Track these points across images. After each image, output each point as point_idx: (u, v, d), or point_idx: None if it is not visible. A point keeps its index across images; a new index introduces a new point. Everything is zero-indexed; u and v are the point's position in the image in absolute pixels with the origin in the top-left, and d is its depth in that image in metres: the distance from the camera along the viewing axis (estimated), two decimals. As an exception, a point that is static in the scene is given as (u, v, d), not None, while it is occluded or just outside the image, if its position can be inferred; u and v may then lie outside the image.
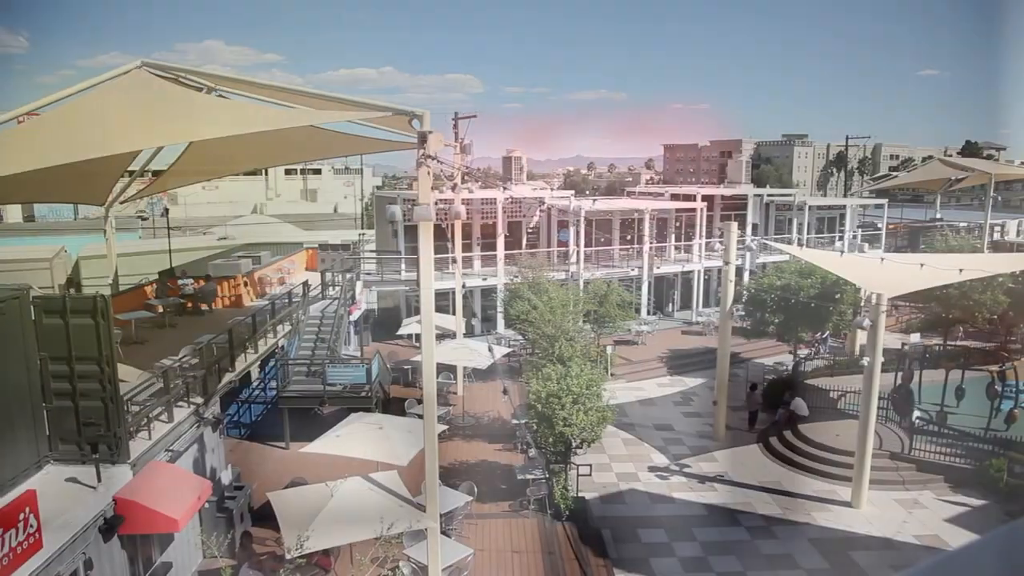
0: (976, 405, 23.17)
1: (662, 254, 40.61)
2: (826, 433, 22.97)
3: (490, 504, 18.89)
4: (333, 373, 22.03)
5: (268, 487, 16.57)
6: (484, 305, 37.00)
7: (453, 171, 23.65)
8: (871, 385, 19.02)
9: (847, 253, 25.86)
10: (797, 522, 18.70)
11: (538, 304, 26.47)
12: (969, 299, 30.68)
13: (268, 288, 30.30)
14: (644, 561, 16.69)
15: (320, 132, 19.79)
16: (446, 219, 27.59)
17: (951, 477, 20.77)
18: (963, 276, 21.78)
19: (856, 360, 25.74)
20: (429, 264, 12.65)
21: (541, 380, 19.35)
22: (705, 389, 29.11)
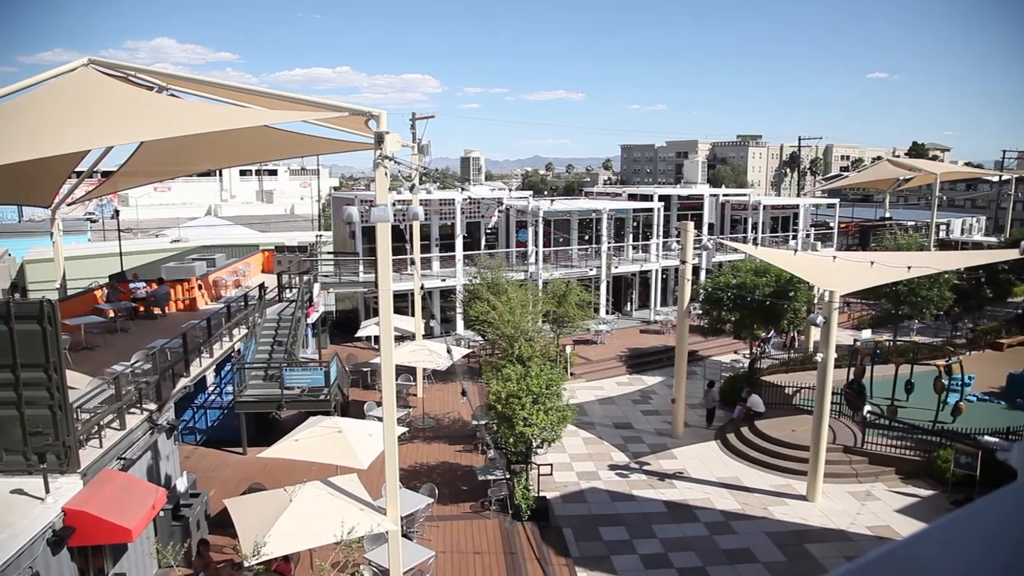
0: (925, 398, 23.84)
1: (620, 254, 40.92)
2: (782, 428, 23.39)
3: (451, 506, 18.85)
4: (291, 376, 21.75)
5: (225, 493, 16.30)
6: (443, 306, 36.88)
7: (411, 172, 23.53)
8: (825, 380, 19.42)
9: (800, 252, 26.32)
10: (755, 516, 19.00)
11: (497, 305, 26.47)
12: (917, 296, 31.51)
13: (223, 291, 29.78)
14: (605, 559, 16.79)
15: (275, 132, 19.51)
16: (404, 220, 27.42)
17: (902, 469, 21.32)
18: (911, 273, 22.36)
19: (810, 356, 26.28)
20: (387, 265, 12.56)
21: (501, 380, 19.35)
22: (664, 387, 29.42)
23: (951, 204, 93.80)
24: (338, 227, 40.68)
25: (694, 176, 61.25)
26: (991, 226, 67.38)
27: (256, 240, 48.70)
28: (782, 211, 49.59)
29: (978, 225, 65.41)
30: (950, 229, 59.61)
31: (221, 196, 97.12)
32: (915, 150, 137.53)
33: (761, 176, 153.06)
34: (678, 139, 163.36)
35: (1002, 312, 40.99)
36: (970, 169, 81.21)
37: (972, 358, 30.24)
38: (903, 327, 36.14)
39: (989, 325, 36.85)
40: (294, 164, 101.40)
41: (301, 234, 50.17)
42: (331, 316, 37.48)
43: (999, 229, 62.96)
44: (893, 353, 28.56)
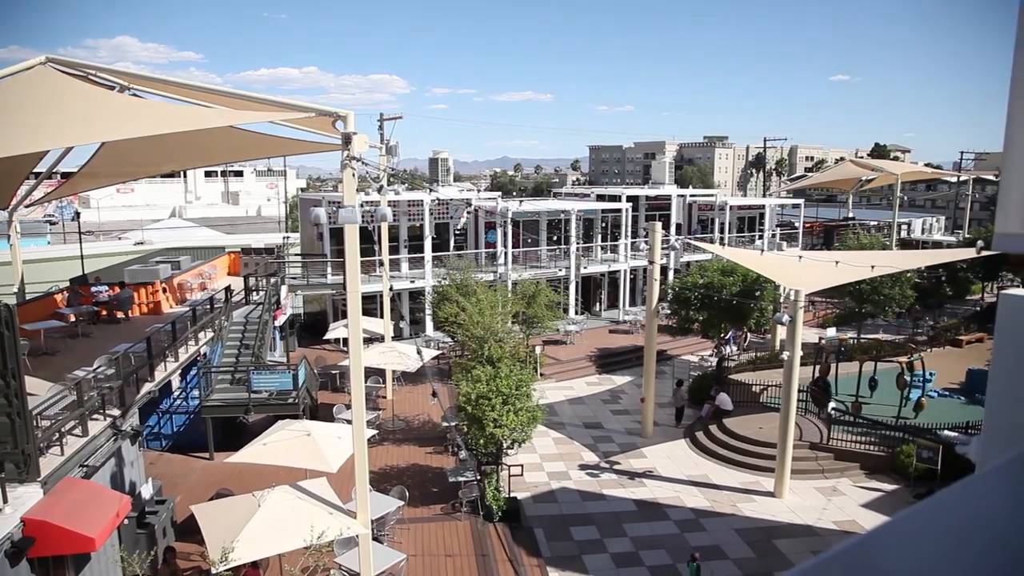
0: (888, 395, 24.28)
1: (589, 254, 41.09)
2: (750, 426, 23.66)
3: (422, 508, 18.78)
4: (258, 380, 21.50)
5: (192, 500, 16.04)
6: (412, 308, 36.73)
7: (379, 172, 23.43)
8: (791, 378, 19.69)
9: (767, 251, 26.66)
10: (724, 514, 19.19)
11: (467, 306, 26.44)
12: (880, 294, 32.09)
13: (188, 294, 29.36)
14: (576, 558, 16.85)
15: (241, 133, 19.30)
16: (372, 221, 27.26)
17: (866, 464, 21.70)
18: (874, 272, 22.76)
19: (777, 354, 26.62)
20: (355, 267, 12.48)
21: (471, 382, 19.32)
22: (633, 387, 29.59)
23: (912, 204, 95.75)
24: (306, 229, 40.32)
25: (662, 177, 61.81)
26: (950, 226, 68.83)
27: (222, 242, 48.11)
28: (748, 211, 50.17)
29: (938, 225, 66.76)
30: (911, 229, 60.78)
31: (186, 198, 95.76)
32: (877, 151, 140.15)
33: (728, 177, 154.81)
34: (646, 140, 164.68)
35: (961, 309, 41.94)
36: (929, 170, 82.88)
37: (933, 355, 30.88)
38: (867, 325, 36.77)
39: (949, 322, 37.69)
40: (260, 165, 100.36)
41: (268, 236, 49.69)
42: (299, 319, 37.14)
43: (958, 228, 64.37)
44: (857, 351, 29.07)
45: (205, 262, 34.69)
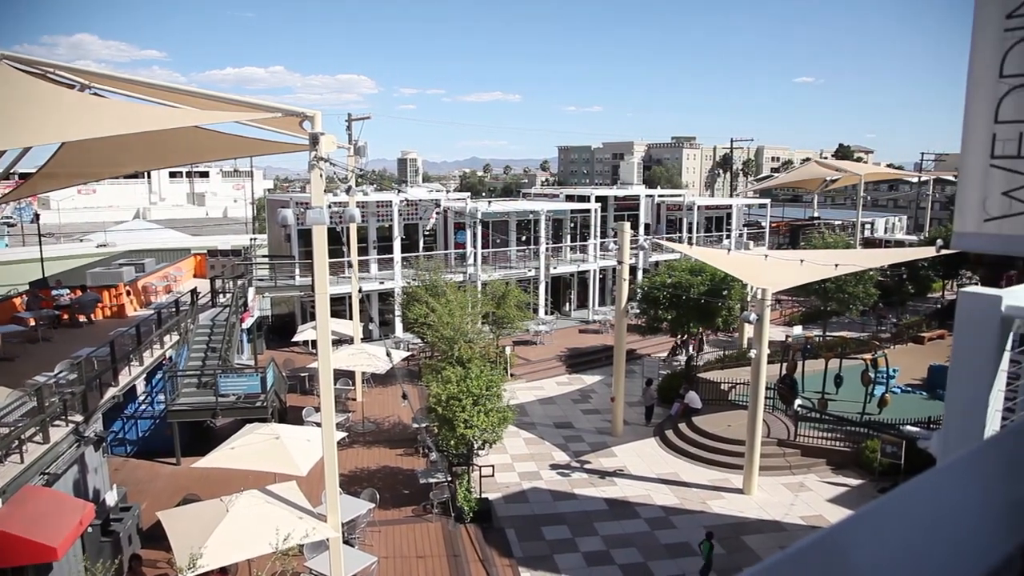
0: (853, 391, 24.68)
1: (558, 254, 41.21)
2: (718, 424, 23.90)
3: (393, 510, 18.69)
4: (225, 383, 21.24)
5: (158, 506, 15.80)
6: (382, 309, 36.55)
7: (347, 173, 23.25)
8: (758, 376, 19.93)
9: (734, 251, 26.94)
10: (693, 511, 19.37)
11: (436, 307, 26.36)
12: (844, 292, 32.62)
13: (153, 297, 28.90)
14: (548, 558, 16.88)
15: (206, 133, 19.01)
16: (341, 222, 27.07)
17: (832, 460, 22.04)
18: (839, 271, 23.13)
19: (745, 353, 26.92)
20: (324, 268, 12.39)
21: (441, 383, 19.28)
22: (603, 386, 29.73)
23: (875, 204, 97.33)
24: (273, 230, 39.91)
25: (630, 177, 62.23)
26: (912, 225, 70.16)
27: (188, 244, 47.49)
28: (716, 211, 50.66)
29: (900, 224, 68.03)
30: (874, 228, 61.85)
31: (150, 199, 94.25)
32: (841, 152, 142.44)
33: (695, 177, 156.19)
34: (614, 140, 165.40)
35: (923, 307, 42.78)
36: (892, 171, 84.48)
37: (896, 351, 31.48)
38: (832, 323, 37.34)
39: (911, 320, 38.44)
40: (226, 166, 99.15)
41: (235, 237, 49.11)
42: (267, 321, 36.75)
43: (919, 228, 65.66)
44: (823, 348, 29.51)
45: (170, 264, 34.22)
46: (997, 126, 3.36)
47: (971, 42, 3.37)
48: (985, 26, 3.36)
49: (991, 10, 3.33)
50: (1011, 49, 3.29)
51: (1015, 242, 3.40)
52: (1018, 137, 3.32)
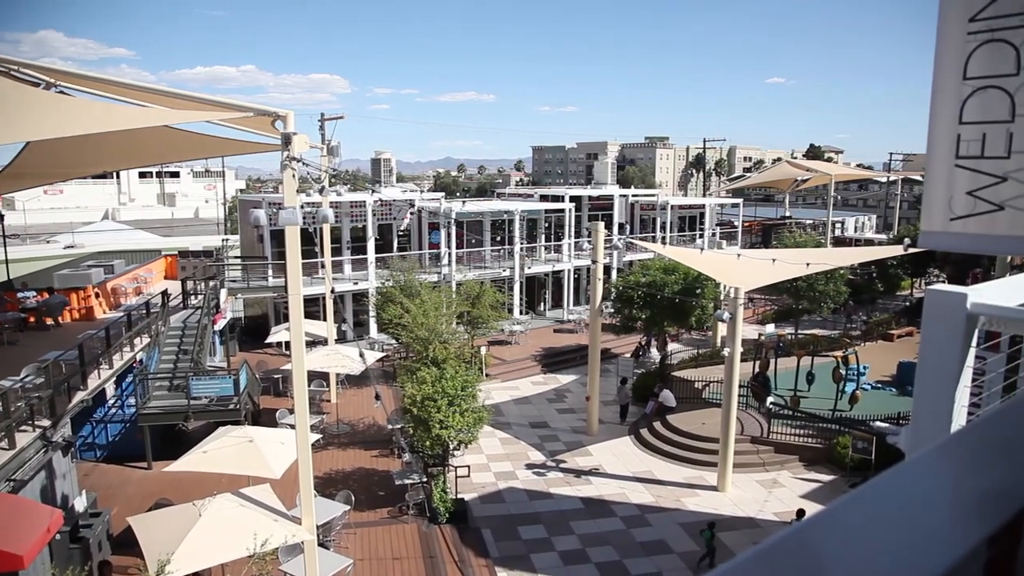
0: (825, 388, 25.01)
1: (533, 254, 41.26)
2: (693, 422, 24.08)
3: (368, 512, 18.60)
4: (197, 386, 21.00)
5: (129, 511, 15.56)
6: (356, 310, 36.34)
7: (320, 173, 23.08)
8: (732, 374, 20.11)
9: (707, 250, 27.19)
10: (668, 508, 19.50)
11: (411, 307, 26.28)
12: (815, 291, 33.02)
13: (123, 299, 28.50)
14: (525, 558, 16.90)
15: (177, 133, 18.77)
16: (314, 223, 26.88)
17: (805, 456, 22.31)
18: (810, 270, 23.42)
19: (718, 351, 27.15)
20: (297, 269, 12.30)
21: (416, 383, 19.23)
22: (578, 385, 29.82)
23: (845, 203, 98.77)
24: (245, 231, 39.53)
25: (604, 177, 62.50)
26: (881, 224, 71.24)
27: (158, 245, 46.88)
28: (689, 211, 51.02)
29: (869, 223, 69.04)
30: (844, 227, 62.72)
31: (119, 199, 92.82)
32: (812, 152, 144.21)
33: (668, 177, 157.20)
34: (588, 140, 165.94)
35: (892, 304, 43.45)
36: (861, 171, 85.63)
37: (866, 349, 31.95)
38: (803, 321, 37.80)
39: (881, 317, 39.01)
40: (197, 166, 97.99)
41: (206, 238, 48.58)
42: (240, 322, 36.40)
43: (888, 227, 66.67)
44: (795, 346, 29.83)
45: (140, 266, 33.79)
46: (961, 127, 3.44)
47: (936, 45, 3.44)
48: (949, 29, 3.43)
49: (954, 14, 3.41)
50: (973, 52, 3.36)
51: (979, 240, 3.48)
52: (981, 138, 3.39)
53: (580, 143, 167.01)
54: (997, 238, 3.40)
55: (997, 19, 3.27)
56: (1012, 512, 1.20)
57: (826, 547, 0.97)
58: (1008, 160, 3.31)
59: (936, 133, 3.53)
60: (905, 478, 1.18)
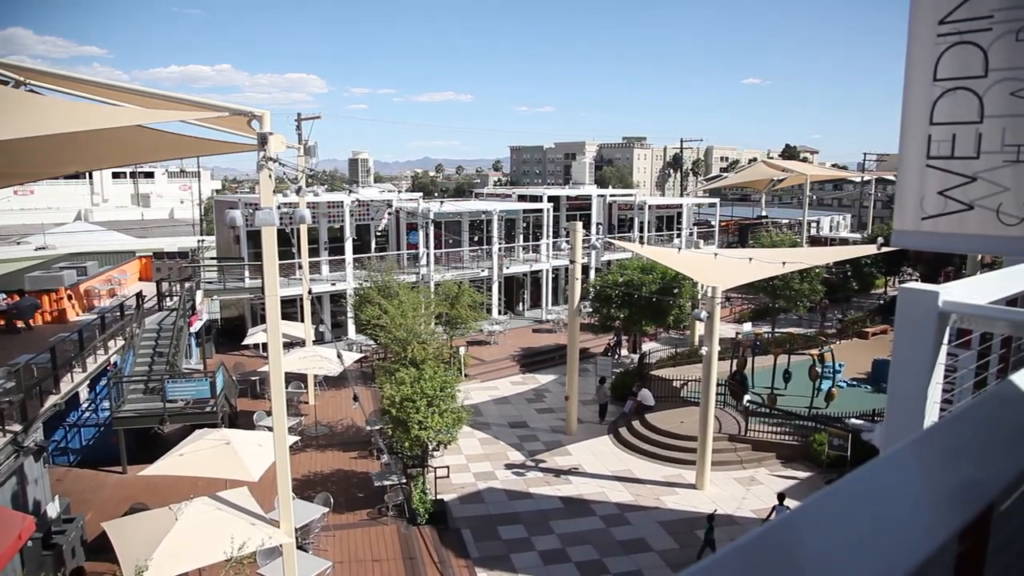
0: (801, 386, 25.28)
1: (511, 254, 41.27)
2: (671, 421, 24.22)
3: (347, 514, 18.51)
4: (173, 389, 20.78)
5: (104, 516, 15.37)
6: (334, 311, 36.14)
7: (297, 173, 22.95)
8: (709, 373, 20.26)
9: (684, 249, 27.37)
10: (648, 507, 19.60)
11: (389, 308, 26.19)
12: (791, 289, 33.35)
13: (96, 301, 28.11)
14: (505, 558, 16.91)
15: (151, 133, 18.53)
16: (291, 223, 26.68)
17: (782, 453, 22.53)
18: (786, 269, 23.67)
19: (696, 350, 27.33)
20: (274, 270, 12.22)
21: (394, 384, 19.17)
22: (557, 385, 29.88)
23: (820, 203, 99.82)
24: (221, 231, 39.15)
25: (582, 177, 62.55)
26: (855, 223, 72.06)
27: (133, 246, 46.27)
28: (666, 210, 51.30)
29: (844, 222, 69.81)
30: (820, 226, 63.38)
31: (92, 200, 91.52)
32: (788, 152, 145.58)
33: (646, 177, 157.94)
34: (566, 140, 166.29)
35: (866, 303, 43.98)
36: (836, 171, 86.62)
37: (841, 346, 32.31)
38: (780, 319, 38.16)
39: (856, 315, 39.49)
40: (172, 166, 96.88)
41: (182, 239, 48.05)
42: (216, 324, 36.06)
43: (862, 226, 67.47)
44: (772, 344, 30.15)
45: (114, 267, 33.35)
46: (932, 128, 3.50)
47: (907, 47, 3.51)
48: (919, 32, 3.50)
49: (924, 17, 3.47)
50: (943, 54, 3.43)
51: (950, 239, 3.54)
52: (951, 139, 3.46)
53: (558, 143, 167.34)
54: (967, 237, 3.47)
55: (965, 22, 3.34)
56: (981, 506, 1.22)
57: (802, 542, 0.99)
58: (977, 160, 3.37)
59: (908, 134, 3.59)
60: (879, 474, 1.20)
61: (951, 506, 1.19)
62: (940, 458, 1.37)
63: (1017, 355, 4.40)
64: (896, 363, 3.06)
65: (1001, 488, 1.27)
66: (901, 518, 1.09)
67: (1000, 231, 3.33)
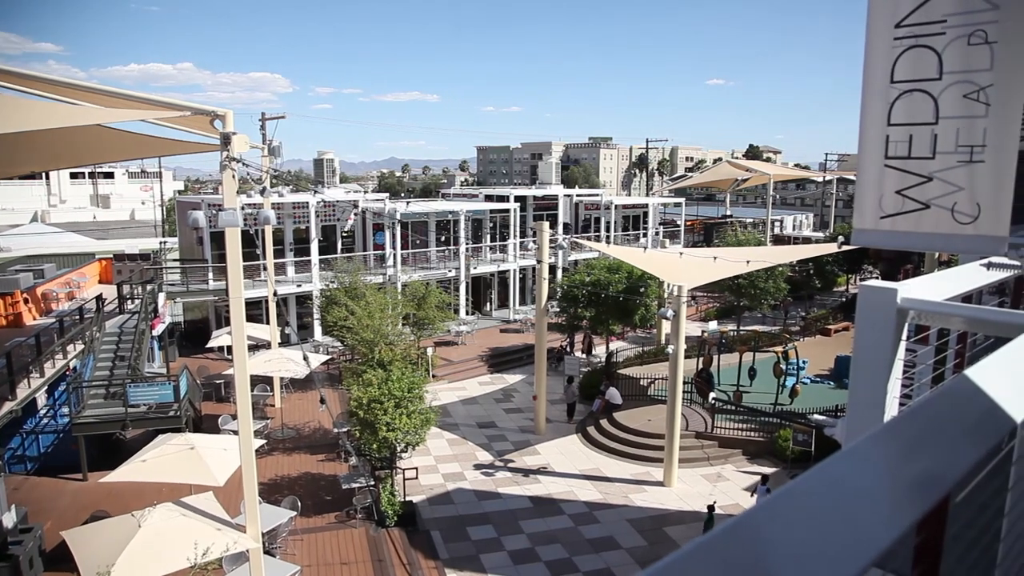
0: (766, 383, 25.61)
1: (478, 254, 41.25)
2: (639, 419, 24.40)
3: (315, 517, 18.36)
4: (135, 393, 20.41)
5: (63, 525, 15.03)
6: (300, 312, 35.79)
7: (261, 174, 22.70)
8: (676, 371, 20.44)
9: (650, 249, 27.58)
10: (616, 505, 19.72)
11: (356, 309, 26.01)
12: (756, 288, 33.78)
13: (55, 304, 27.51)
14: (474, 558, 16.90)
15: (110, 132, 18.19)
16: (255, 224, 26.39)
17: (748, 450, 22.82)
18: (750, 267, 23.96)
19: (663, 348, 27.56)
20: (238, 272, 12.07)
21: (362, 386, 19.04)
22: (525, 385, 29.92)
23: (783, 202, 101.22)
24: (184, 233, 38.57)
25: (548, 177, 62.80)
26: (818, 222, 73.26)
27: (92, 248, 45.35)
28: (632, 210, 51.66)
29: (807, 221, 70.95)
30: (783, 225, 64.34)
31: (49, 201, 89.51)
32: (751, 152, 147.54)
33: (612, 176, 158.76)
34: (533, 141, 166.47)
35: (829, 300, 44.75)
36: (799, 171, 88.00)
37: (805, 344, 32.82)
38: (745, 317, 38.64)
39: (818, 313, 40.13)
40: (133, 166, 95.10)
41: (143, 241, 47.20)
42: (179, 327, 35.51)
43: (824, 225, 68.62)
44: (737, 342, 30.48)
45: (73, 270, 32.66)
46: (890, 128, 3.58)
47: (865, 50, 3.59)
48: (877, 36, 3.58)
49: (881, 21, 3.56)
50: (899, 57, 3.51)
51: (908, 238, 3.62)
52: (908, 139, 3.54)
53: (525, 143, 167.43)
54: (924, 235, 3.55)
55: (920, 26, 3.43)
56: (938, 497, 1.25)
57: (766, 536, 1.01)
58: (933, 160, 3.46)
59: (867, 135, 3.67)
60: (840, 468, 1.23)
61: (910, 498, 1.22)
62: (899, 451, 1.40)
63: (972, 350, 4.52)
64: (857, 359, 3.12)
65: (957, 479, 1.30)
66: (861, 511, 1.11)
67: (955, 229, 3.42)
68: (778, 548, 0.98)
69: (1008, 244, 3.41)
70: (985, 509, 1.91)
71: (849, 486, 1.19)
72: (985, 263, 4.39)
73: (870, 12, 3.56)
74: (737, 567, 0.93)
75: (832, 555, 0.97)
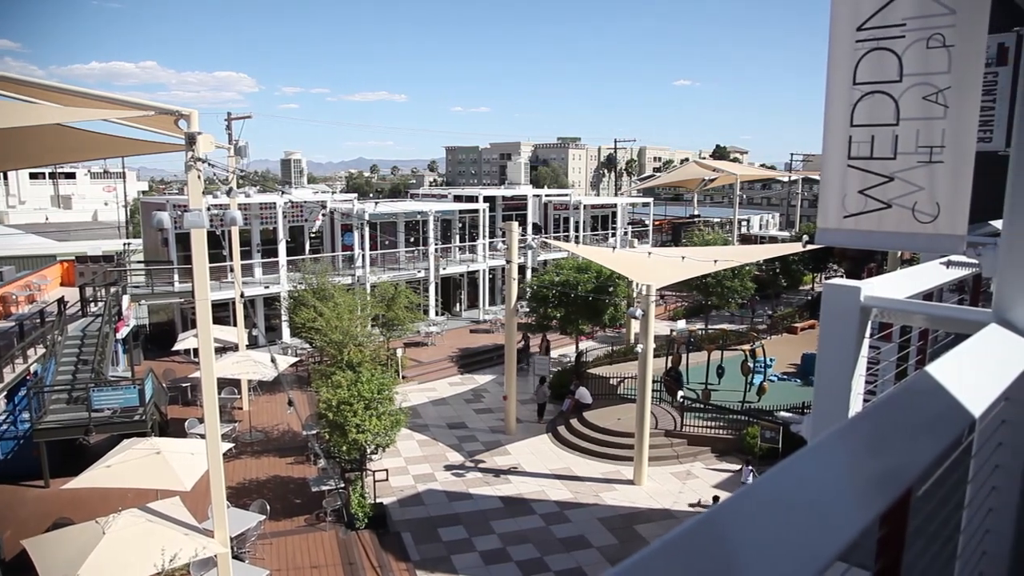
0: (734, 381, 25.89)
1: (448, 255, 41.16)
2: (608, 418, 24.52)
3: (285, 520, 18.19)
4: (99, 397, 20.04)
5: (24, 534, 14.70)
6: (267, 314, 35.42)
7: (227, 174, 22.43)
8: (645, 370, 20.59)
9: (619, 248, 27.74)
10: (587, 504, 19.80)
11: (324, 311, 25.82)
12: (723, 287, 34.14)
13: (14, 308, 26.90)
14: (446, 559, 16.86)
15: (72, 132, 17.83)
16: (222, 225, 26.05)
17: (717, 447, 23.06)
18: (718, 267, 24.21)
19: (632, 347, 27.73)
20: (204, 274, 11.92)
21: (331, 388, 18.91)
22: (495, 385, 29.92)
23: (750, 202, 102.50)
24: (149, 234, 37.95)
25: (517, 177, 62.80)
26: (784, 222, 74.23)
27: (53, 250, 44.40)
28: (601, 210, 51.87)
29: (773, 221, 71.86)
30: (750, 225, 65.09)
31: (8, 202, 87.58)
32: (718, 152, 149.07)
33: (581, 177, 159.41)
34: (501, 141, 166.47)
35: (795, 299, 45.37)
36: (765, 171, 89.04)
37: (772, 342, 33.21)
38: (713, 316, 39.03)
39: (785, 311, 40.67)
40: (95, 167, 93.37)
41: (107, 242, 46.33)
42: (144, 330, 34.92)
43: (790, 224, 69.57)
44: (705, 341, 30.79)
45: (33, 272, 31.97)
46: (852, 129, 3.65)
47: (828, 52, 3.65)
48: (839, 38, 3.65)
49: (843, 23, 3.63)
50: (861, 59, 3.58)
51: (870, 237, 3.69)
52: (870, 140, 3.61)
53: (493, 143, 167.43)
54: (886, 234, 3.62)
55: (880, 29, 3.50)
56: (901, 490, 1.28)
57: (733, 532, 1.02)
58: (894, 161, 3.53)
59: (830, 135, 3.73)
60: (806, 464, 1.25)
61: (873, 492, 1.24)
62: (862, 447, 1.43)
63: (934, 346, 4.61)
64: (821, 357, 3.17)
65: (919, 473, 1.33)
66: (827, 504, 1.13)
67: (915, 228, 3.49)
68: (745, 543, 1.00)
69: (966, 243, 3.49)
70: (946, 502, 1.96)
71: (813, 481, 1.21)
72: (945, 261, 4.49)
73: (833, 15, 3.63)
74: (704, 562, 0.94)
75: (797, 549, 0.98)
